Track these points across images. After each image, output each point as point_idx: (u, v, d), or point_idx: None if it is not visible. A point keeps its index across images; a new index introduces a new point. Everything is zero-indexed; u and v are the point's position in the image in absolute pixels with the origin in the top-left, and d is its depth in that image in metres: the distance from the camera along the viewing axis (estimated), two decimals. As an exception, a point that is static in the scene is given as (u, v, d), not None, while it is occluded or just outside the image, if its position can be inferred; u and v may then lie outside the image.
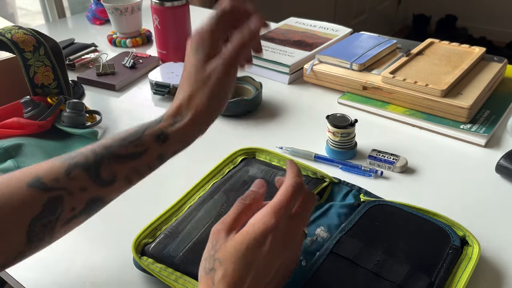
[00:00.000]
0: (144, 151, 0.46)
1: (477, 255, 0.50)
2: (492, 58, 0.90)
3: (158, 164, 0.48)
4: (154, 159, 0.47)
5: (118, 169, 0.45)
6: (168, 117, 0.48)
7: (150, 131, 0.47)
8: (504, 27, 3.25)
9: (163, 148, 0.47)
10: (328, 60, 0.92)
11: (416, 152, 0.72)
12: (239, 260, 0.39)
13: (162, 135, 0.47)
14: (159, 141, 0.47)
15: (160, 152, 0.47)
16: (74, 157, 0.44)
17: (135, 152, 0.45)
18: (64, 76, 0.82)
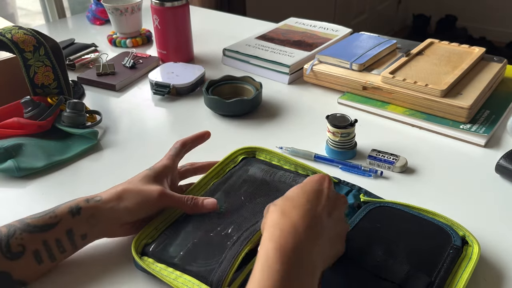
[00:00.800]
0: (56, 223, 0.48)
1: (477, 255, 0.50)
2: (492, 58, 0.90)
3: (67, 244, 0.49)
4: (63, 233, 0.48)
5: (28, 241, 0.46)
6: (86, 196, 0.52)
7: (65, 205, 0.50)
8: (504, 27, 3.25)
9: (74, 222, 0.49)
10: (328, 60, 0.92)
11: (416, 152, 0.72)
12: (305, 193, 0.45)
13: (76, 208, 0.50)
14: (71, 213, 0.49)
15: (70, 227, 0.48)
16: None
17: (48, 223, 0.47)
18: (64, 76, 0.82)
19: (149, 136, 0.81)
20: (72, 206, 0.49)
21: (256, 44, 1.06)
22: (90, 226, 0.50)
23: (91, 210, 0.50)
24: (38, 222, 0.47)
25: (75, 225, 0.49)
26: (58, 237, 0.48)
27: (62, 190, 0.68)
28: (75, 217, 0.49)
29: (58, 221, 0.48)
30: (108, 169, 0.72)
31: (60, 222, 0.48)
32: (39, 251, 0.47)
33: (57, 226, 0.48)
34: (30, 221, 0.47)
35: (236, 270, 0.48)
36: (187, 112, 0.88)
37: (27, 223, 0.47)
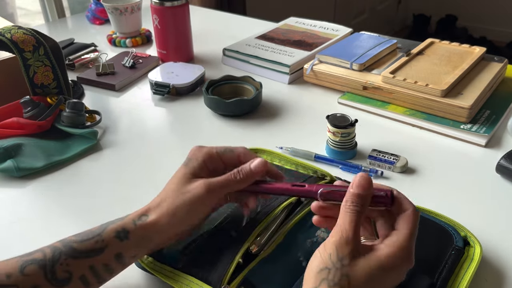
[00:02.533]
0: (103, 248, 0.44)
1: (479, 256, 0.50)
2: (492, 58, 0.90)
3: (116, 266, 0.45)
4: (112, 257, 0.45)
5: (75, 267, 0.43)
6: (133, 215, 0.47)
7: (111, 227, 0.46)
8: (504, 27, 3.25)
9: (123, 246, 0.45)
10: (328, 60, 0.92)
11: (416, 152, 0.72)
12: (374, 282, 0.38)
13: (123, 231, 0.45)
14: (119, 238, 0.45)
15: (119, 251, 0.45)
16: (32, 253, 0.43)
17: (94, 249, 0.44)
18: (64, 76, 0.82)
19: (149, 136, 0.81)
20: (118, 230, 0.45)
21: (256, 44, 1.05)
22: (141, 248, 0.46)
23: (140, 232, 0.46)
24: (85, 247, 0.44)
25: (124, 249, 0.45)
26: (106, 262, 0.44)
27: (62, 190, 0.68)
28: (123, 242, 0.45)
29: (105, 247, 0.44)
30: (108, 169, 0.72)
31: (107, 248, 0.44)
32: (86, 275, 0.44)
33: (104, 252, 0.44)
34: (76, 246, 0.44)
35: (235, 269, 0.48)
36: (187, 112, 0.87)
37: (73, 248, 0.44)
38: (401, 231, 0.40)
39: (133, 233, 0.46)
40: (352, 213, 0.40)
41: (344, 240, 0.39)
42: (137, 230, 0.46)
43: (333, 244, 0.39)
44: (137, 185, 0.68)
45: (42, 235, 0.60)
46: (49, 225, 0.61)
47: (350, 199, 0.41)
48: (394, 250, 0.39)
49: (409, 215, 0.41)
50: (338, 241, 0.39)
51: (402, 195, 0.43)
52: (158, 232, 0.46)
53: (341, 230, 0.39)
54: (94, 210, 0.64)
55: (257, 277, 0.49)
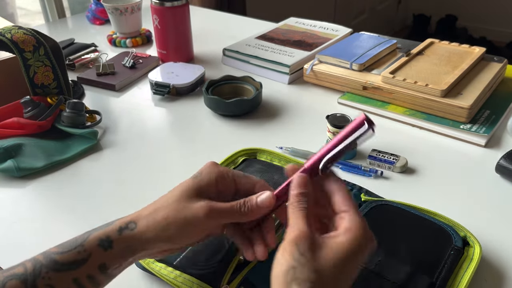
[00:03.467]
0: (86, 259, 0.41)
1: (478, 256, 0.50)
2: (492, 58, 0.90)
3: (101, 277, 0.42)
4: (95, 268, 0.41)
5: (57, 281, 0.40)
6: (120, 222, 0.44)
7: (95, 235, 0.42)
8: (504, 27, 3.25)
9: (106, 256, 0.42)
10: (328, 60, 0.92)
11: (416, 152, 0.72)
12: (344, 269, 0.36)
13: (107, 240, 0.42)
14: (102, 247, 0.42)
15: (102, 261, 0.42)
16: (13, 267, 0.41)
17: (76, 260, 0.41)
18: (64, 76, 0.82)
19: (149, 136, 0.81)
20: (102, 239, 0.42)
21: (256, 44, 1.05)
22: (125, 258, 0.43)
23: (125, 243, 0.42)
24: (66, 259, 0.41)
25: (108, 260, 0.42)
26: (90, 274, 0.41)
27: (62, 190, 0.68)
28: (107, 251, 0.42)
29: (87, 257, 0.41)
30: (108, 169, 0.72)
31: (90, 258, 0.41)
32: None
33: (87, 262, 0.41)
34: (58, 258, 0.41)
35: (235, 268, 0.48)
36: (187, 112, 0.87)
37: (54, 261, 0.41)
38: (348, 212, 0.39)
39: (117, 243, 0.42)
40: (300, 210, 0.40)
41: (301, 235, 0.38)
42: (122, 239, 0.42)
43: (291, 242, 0.37)
44: (137, 185, 0.68)
45: (42, 235, 0.60)
46: (49, 225, 0.61)
47: (295, 199, 0.41)
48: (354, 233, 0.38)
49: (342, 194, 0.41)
50: (295, 237, 0.37)
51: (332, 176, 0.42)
52: (144, 244, 0.43)
53: (295, 228, 0.38)
54: (94, 210, 0.64)
55: (256, 277, 0.49)
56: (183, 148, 0.78)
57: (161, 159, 0.74)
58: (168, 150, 0.77)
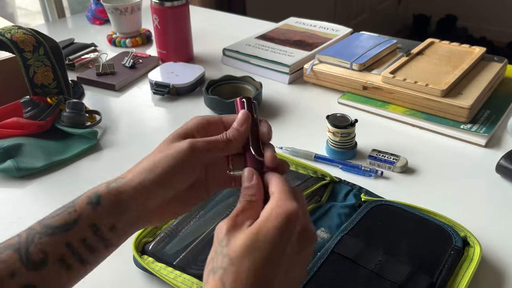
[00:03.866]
0: (76, 219, 0.39)
1: (478, 256, 0.50)
2: (492, 58, 0.90)
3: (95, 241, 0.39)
4: (87, 229, 0.39)
5: (50, 246, 0.38)
6: (109, 180, 0.42)
7: (85, 194, 0.41)
8: (504, 27, 3.25)
9: (96, 215, 0.39)
10: (328, 60, 0.92)
11: (416, 152, 0.72)
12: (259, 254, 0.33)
13: (95, 196, 0.40)
14: (90, 204, 0.40)
15: (92, 221, 0.39)
16: (9, 239, 0.39)
17: (67, 221, 0.39)
18: (64, 76, 0.82)
19: (148, 136, 0.81)
20: (90, 196, 0.40)
21: (256, 44, 1.05)
22: (116, 215, 0.40)
23: (113, 197, 0.40)
24: (58, 222, 0.39)
25: (97, 219, 0.39)
26: (83, 236, 0.39)
27: (62, 190, 0.68)
28: (96, 209, 0.40)
29: (78, 217, 0.39)
30: (108, 169, 0.72)
31: (80, 218, 0.39)
32: (64, 255, 0.38)
33: (78, 223, 0.39)
34: (50, 221, 0.39)
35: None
36: (187, 112, 0.87)
37: (47, 225, 0.39)
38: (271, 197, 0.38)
39: (105, 198, 0.40)
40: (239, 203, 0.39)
41: (222, 223, 0.37)
42: (110, 193, 0.40)
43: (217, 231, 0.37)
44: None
45: (42, 235, 0.60)
46: (49, 225, 0.61)
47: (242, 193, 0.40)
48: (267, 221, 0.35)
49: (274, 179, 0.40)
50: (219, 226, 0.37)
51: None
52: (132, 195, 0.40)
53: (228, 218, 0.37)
54: (94, 210, 0.64)
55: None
56: (183, 148, 0.78)
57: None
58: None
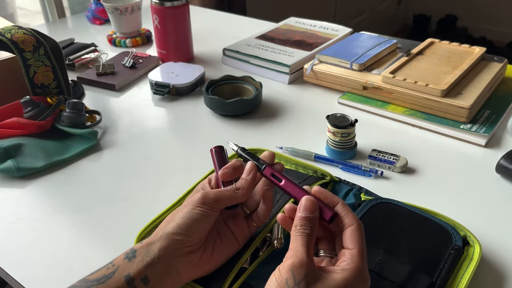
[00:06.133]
0: (113, 272, 0.44)
1: (478, 256, 0.50)
2: (492, 58, 0.90)
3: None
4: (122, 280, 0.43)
5: None
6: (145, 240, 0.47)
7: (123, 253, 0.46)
8: (504, 27, 3.25)
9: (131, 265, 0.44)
10: (328, 60, 0.92)
11: (416, 152, 0.72)
12: None
13: (131, 251, 0.45)
14: (127, 258, 0.45)
15: (127, 272, 0.44)
16: None
17: (105, 274, 0.43)
18: (64, 76, 0.82)
19: (149, 136, 0.81)
20: (127, 252, 0.45)
21: (256, 44, 1.05)
22: (148, 265, 0.44)
23: (145, 248, 0.45)
24: (96, 276, 0.44)
25: (131, 269, 0.44)
26: (117, 286, 0.43)
27: (62, 190, 0.68)
28: (131, 261, 0.44)
29: (115, 270, 0.44)
30: (108, 169, 0.72)
31: (117, 270, 0.44)
32: None
33: (114, 274, 0.43)
34: (89, 277, 0.44)
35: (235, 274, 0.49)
36: (187, 112, 0.87)
37: (86, 279, 0.43)
38: (352, 251, 0.40)
39: (139, 250, 0.45)
40: (302, 236, 0.40)
41: (298, 263, 0.39)
42: (143, 246, 0.45)
43: (289, 268, 0.39)
44: (137, 185, 0.68)
45: (42, 235, 0.60)
46: (49, 225, 0.61)
47: (299, 222, 0.41)
48: (350, 273, 0.39)
49: (353, 232, 0.41)
50: (293, 264, 0.39)
51: (346, 208, 0.43)
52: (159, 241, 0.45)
53: (295, 253, 0.39)
54: (94, 210, 0.64)
55: (256, 280, 0.49)
56: (183, 148, 0.78)
57: (161, 159, 0.74)
58: (168, 150, 0.77)
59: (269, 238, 0.53)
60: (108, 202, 0.65)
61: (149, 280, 0.44)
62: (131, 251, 0.45)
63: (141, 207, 0.64)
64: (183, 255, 0.46)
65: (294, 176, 0.63)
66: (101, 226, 0.61)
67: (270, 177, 0.49)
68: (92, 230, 0.60)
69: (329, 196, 0.44)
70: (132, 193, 0.67)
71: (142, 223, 0.56)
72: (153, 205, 0.61)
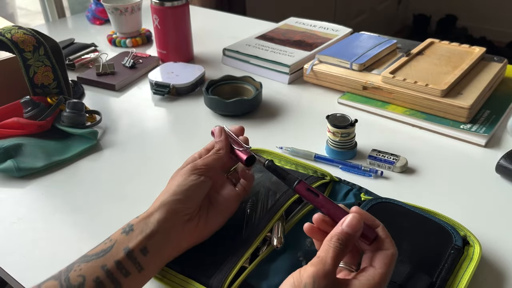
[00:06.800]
0: (111, 246, 0.45)
1: (478, 255, 0.50)
2: (492, 58, 0.90)
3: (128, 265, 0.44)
4: (121, 253, 0.44)
5: (87, 270, 0.43)
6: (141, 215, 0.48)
7: (120, 228, 0.47)
8: (504, 27, 3.25)
9: (129, 238, 0.45)
10: (328, 60, 0.92)
11: (416, 152, 0.72)
12: None
13: (128, 226, 0.47)
14: (125, 232, 0.46)
15: (126, 245, 0.45)
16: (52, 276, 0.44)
17: (104, 249, 0.45)
18: (64, 76, 0.82)
19: (149, 136, 0.81)
20: (124, 227, 0.47)
21: (256, 44, 1.05)
22: (147, 236, 0.46)
23: (142, 221, 0.47)
24: (94, 251, 0.45)
25: (130, 241, 0.45)
26: (117, 259, 0.44)
27: (62, 190, 0.68)
28: (129, 235, 0.46)
29: (113, 244, 0.45)
30: (108, 169, 0.72)
31: (115, 244, 0.45)
32: (100, 277, 0.43)
33: (113, 248, 0.45)
34: (88, 252, 0.45)
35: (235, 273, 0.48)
36: (187, 112, 0.87)
37: (85, 255, 0.45)
38: (377, 270, 0.40)
39: (137, 224, 0.47)
40: (335, 249, 0.40)
41: (323, 273, 0.38)
42: (140, 219, 0.47)
43: (312, 275, 0.38)
44: (137, 185, 0.68)
45: (42, 235, 0.60)
46: (49, 225, 0.61)
47: (337, 235, 0.40)
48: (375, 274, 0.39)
49: (387, 256, 0.41)
50: (317, 273, 0.38)
51: (386, 233, 0.43)
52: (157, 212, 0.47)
53: (322, 263, 0.39)
54: (94, 210, 0.64)
55: (256, 279, 0.49)
56: (183, 148, 0.78)
57: (161, 159, 0.74)
58: (168, 150, 0.77)
59: (269, 237, 0.53)
60: (108, 202, 0.65)
61: (148, 251, 0.45)
62: (128, 226, 0.47)
63: (141, 207, 0.64)
64: (181, 224, 0.48)
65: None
66: (101, 226, 0.61)
67: (305, 192, 0.47)
68: (92, 230, 0.60)
69: (370, 219, 0.43)
70: (132, 193, 0.67)
71: (142, 223, 0.56)
72: (153, 205, 0.61)
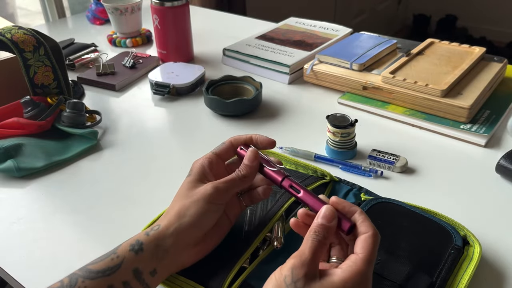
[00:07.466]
0: (119, 264, 0.43)
1: (478, 255, 0.50)
2: (492, 58, 0.90)
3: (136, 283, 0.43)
4: (129, 273, 0.43)
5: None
6: (145, 229, 0.47)
7: (126, 242, 0.45)
8: (504, 27, 3.25)
9: (138, 260, 0.44)
10: (328, 60, 0.92)
11: (416, 152, 0.72)
12: None
13: (137, 243, 0.45)
14: (133, 250, 0.44)
15: (135, 266, 0.43)
16: (52, 285, 0.42)
17: (110, 266, 0.43)
18: (64, 76, 0.82)
19: (149, 136, 0.81)
20: (133, 243, 0.45)
21: (256, 44, 1.05)
22: (157, 259, 0.45)
23: (153, 242, 0.45)
24: (100, 267, 0.43)
25: (140, 263, 0.44)
26: (125, 280, 0.43)
27: (62, 190, 0.68)
28: (138, 254, 0.44)
29: (121, 262, 0.43)
30: (108, 169, 0.72)
31: (123, 263, 0.43)
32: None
33: (121, 267, 0.43)
34: (92, 267, 0.43)
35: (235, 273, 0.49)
36: (187, 112, 0.88)
37: (89, 269, 0.42)
38: (358, 255, 0.40)
39: (147, 243, 0.45)
40: (313, 241, 0.40)
41: (300, 264, 0.39)
42: (150, 239, 0.45)
43: (290, 266, 0.39)
44: (137, 185, 0.68)
45: (42, 235, 0.60)
46: (49, 225, 0.61)
47: (314, 228, 0.41)
48: (349, 275, 0.39)
49: (366, 238, 0.41)
50: (295, 264, 0.39)
51: (363, 217, 0.43)
52: (170, 237, 0.46)
53: (299, 254, 0.39)
54: (94, 210, 0.64)
55: (256, 279, 0.49)
56: (183, 148, 0.78)
57: (161, 159, 0.74)
58: (168, 150, 0.77)
59: (269, 237, 0.53)
60: (108, 202, 0.65)
61: (156, 272, 0.45)
62: (137, 244, 0.45)
63: (141, 207, 0.64)
64: (191, 248, 0.47)
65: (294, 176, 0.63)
66: (101, 226, 0.61)
67: (288, 188, 0.48)
68: (92, 230, 0.60)
69: (347, 206, 0.44)
70: (132, 193, 0.67)
71: (142, 223, 0.56)
72: (153, 205, 0.61)
